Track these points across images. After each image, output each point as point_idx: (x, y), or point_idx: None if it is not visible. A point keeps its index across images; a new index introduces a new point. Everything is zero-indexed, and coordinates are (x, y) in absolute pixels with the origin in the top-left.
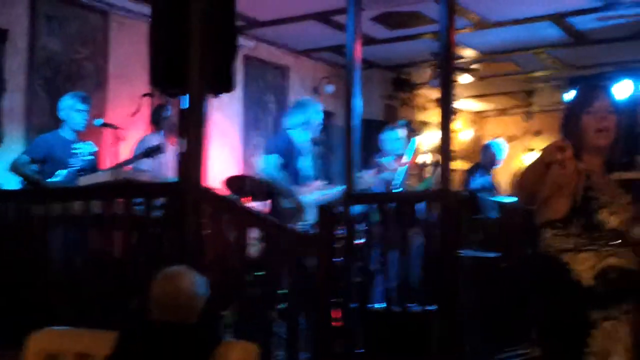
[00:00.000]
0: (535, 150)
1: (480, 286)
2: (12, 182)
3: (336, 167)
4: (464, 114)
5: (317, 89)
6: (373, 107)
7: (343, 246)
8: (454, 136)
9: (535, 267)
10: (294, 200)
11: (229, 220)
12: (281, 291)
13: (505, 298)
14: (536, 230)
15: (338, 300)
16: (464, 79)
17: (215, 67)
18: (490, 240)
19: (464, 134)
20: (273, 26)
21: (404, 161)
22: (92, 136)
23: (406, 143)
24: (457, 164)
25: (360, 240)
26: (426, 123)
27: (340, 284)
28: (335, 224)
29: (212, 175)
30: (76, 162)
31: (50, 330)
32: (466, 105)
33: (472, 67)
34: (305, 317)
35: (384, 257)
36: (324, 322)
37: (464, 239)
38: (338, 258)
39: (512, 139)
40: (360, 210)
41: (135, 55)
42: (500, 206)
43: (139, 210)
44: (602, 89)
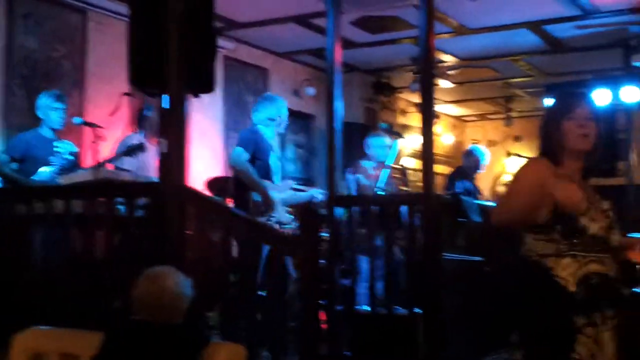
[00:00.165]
0: (514, 155)
1: (464, 290)
2: None
3: (319, 170)
4: (444, 118)
5: (297, 91)
6: (353, 110)
7: (327, 248)
8: (435, 139)
9: (518, 271)
10: (263, 193)
11: (212, 220)
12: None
13: (489, 302)
14: (518, 235)
15: (323, 302)
16: (444, 84)
17: (194, 67)
18: (474, 244)
19: (444, 138)
20: (253, 28)
21: (386, 164)
22: (72, 135)
23: (389, 149)
24: (439, 168)
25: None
26: (407, 126)
27: (324, 286)
28: (319, 226)
29: (194, 175)
30: (56, 161)
31: (35, 330)
32: (446, 109)
33: (450, 73)
34: (290, 320)
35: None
36: (309, 325)
37: (448, 242)
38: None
39: (493, 143)
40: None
41: (114, 54)
42: (484, 210)
43: (120, 210)
44: (582, 96)
